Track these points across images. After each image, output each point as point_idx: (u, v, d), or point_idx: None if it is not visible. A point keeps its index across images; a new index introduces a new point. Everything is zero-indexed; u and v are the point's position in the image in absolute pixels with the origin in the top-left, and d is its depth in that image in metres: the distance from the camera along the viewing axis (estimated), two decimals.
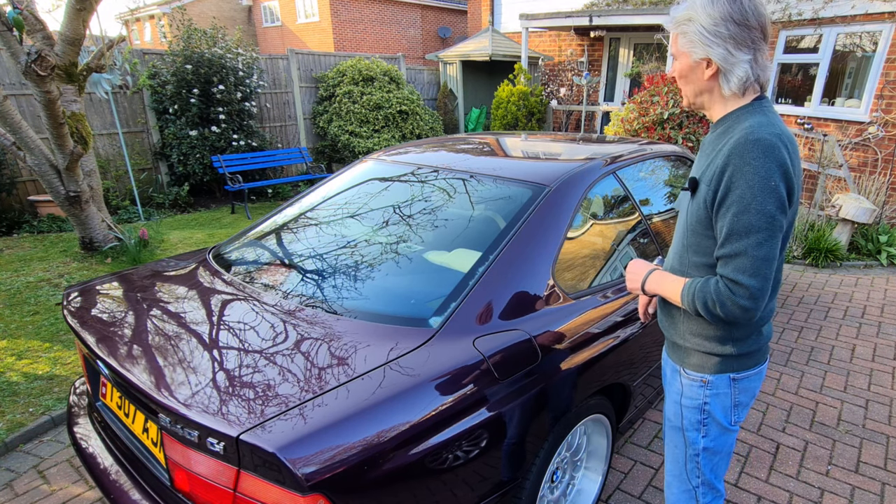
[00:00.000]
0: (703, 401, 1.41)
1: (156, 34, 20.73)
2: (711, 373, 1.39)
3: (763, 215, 1.15)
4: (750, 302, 1.18)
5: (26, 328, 3.52)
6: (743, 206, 1.17)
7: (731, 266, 1.20)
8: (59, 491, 2.25)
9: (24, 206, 6.29)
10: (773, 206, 1.15)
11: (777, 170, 1.15)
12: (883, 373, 3.25)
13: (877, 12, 6.19)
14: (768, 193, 1.15)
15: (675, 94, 5.60)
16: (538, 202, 1.88)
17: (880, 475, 2.39)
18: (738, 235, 1.18)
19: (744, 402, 1.42)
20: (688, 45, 1.27)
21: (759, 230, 1.16)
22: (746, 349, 1.36)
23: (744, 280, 1.18)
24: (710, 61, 1.25)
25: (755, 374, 1.40)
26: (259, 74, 7.87)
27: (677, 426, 1.49)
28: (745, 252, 1.17)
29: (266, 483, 1.14)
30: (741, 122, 1.24)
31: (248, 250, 2.17)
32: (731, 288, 1.20)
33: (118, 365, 1.44)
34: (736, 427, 1.45)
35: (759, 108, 1.25)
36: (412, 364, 1.40)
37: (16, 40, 3.89)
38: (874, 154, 6.48)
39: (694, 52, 1.26)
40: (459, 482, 1.39)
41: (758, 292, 1.18)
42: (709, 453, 1.46)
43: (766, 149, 1.15)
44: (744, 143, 1.17)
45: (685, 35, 1.26)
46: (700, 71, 1.28)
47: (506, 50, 10.15)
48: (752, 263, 1.17)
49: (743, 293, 1.18)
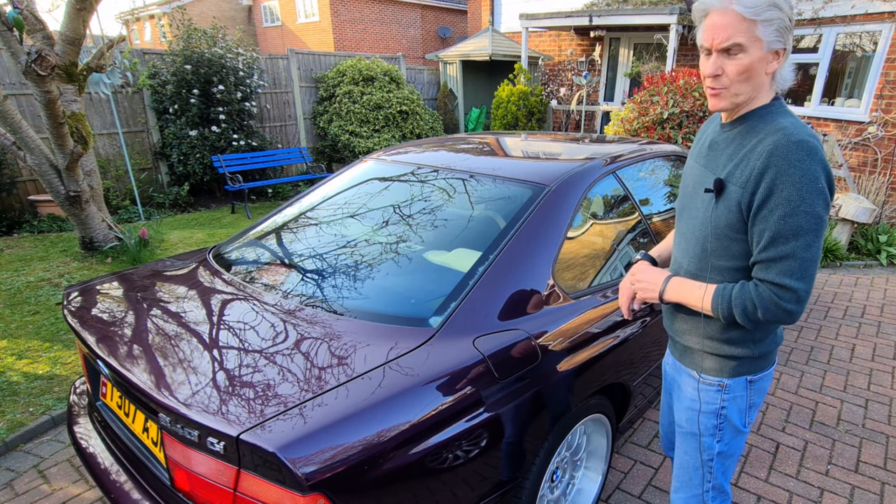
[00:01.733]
0: (721, 405, 1.40)
1: (156, 34, 20.73)
2: (729, 376, 1.37)
3: (812, 217, 1.14)
4: (796, 305, 1.17)
5: (27, 328, 3.52)
6: (791, 209, 1.14)
7: (775, 269, 1.17)
8: (59, 490, 2.25)
9: (24, 206, 6.30)
10: (821, 207, 1.14)
11: (822, 171, 1.14)
12: (883, 372, 3.26)
13: (877, 12, 6.19)
14: (816, 195, 1.13)
15: (675, 94, 5.60)
16: (538, 202, 1.88)
17: (880, 475, 2.39)
18: (785, 238, 1.16)
19: (757, 403, 1.42)
20: (770, 33, 1.15)
21: (807, 232, 1.14)
22: (764, 350, 1.36)
23: (791, 283, 1.16)
24: (781, 52, 1.18)
25: (768, 374, 1.41)
26: (259, 74, 7.87)
27: (691, 432, 1.47)
28: (794, 255, 1.15)
29: (266, 483, 1.14)
30: (768, 122, 1.21)
31: (248, 250, 2.17)
32: (776, 292, 1.17)
33: (118, 364, 1.44)
34: (748, 429, 1.45)
35: (782, 108, 1.23)
36: (412, 364, 1.40)
37: (16, 40, 3.89)
38: (874, 154, 6.49)
39: (773, 42, 1.16)
40: (459, 482, 1.39)
41: (805, 294, 1.16)
42: (722, 457, 1.46)
43: (809, 150, 1.14)
44: (786, 145, 1.15)
45: (769, 23, 1.14)
46: (765, 63, 1.19)
47: (506, 50, 10.14)
48: (801, 266, 1.15)
49: (790, 297, 1.16)
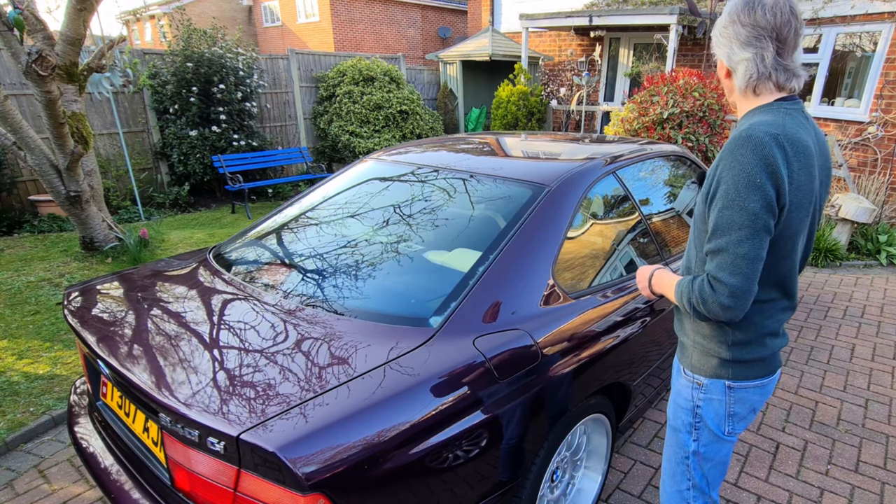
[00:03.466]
0: (696, 404, 1.38)
1: (156, 34, 20.73)
2: (707, 376, 1.35)
3: (745, 212, 1.13)
4: (730, 300, 1.16)
5: (27, 328, 3.52)
6: (727, 202, 1.15)
7: (714, 262, 1.19)
8: (59, 490, 2.25)
9: (24, 206, 6.30)
10: (756, 203, 1.12)
11: (762, 167, 1.12)
12: (882, 372, 3.26)
13: (876, 12, 6.20)
14: (752, 190, 1.12)
15: (675, 95, 5.60)
16: (538, 202, 1.88)
17: (880, 475, 2.39)
18: (721, 231, 1.17)
19: (740, 413, 1.36)
20: (714, 48, 1.32)
21: (740, 227, 1.14)
22: (745, 356, 1.31)
23: (723, 277, 1.16)
24: (721, 61, 1.31)
25: (755, 387, 1.34)
26: (259, 74, 7.87)
27: (673, 426, 1.48)
28: (727, 249, 1.16)
29: (266, 482, 1.15)
30: (746, 121, 1.23)
31: (248, 250, 2.17)
32: (712, 285, 1.18)
33: (119, 364, 1.45)
34: (731, 438, 1.39)
35: (774, 108, 1.22)
36: (412, 364, 1.40)
37: (16, 40, 3.89)
38: (873, 154, 6.49)
39: (717, 54, 1.32)
40: (459, 481, 1.39)
41: (738, 291, 1.15)
42: (699, 458, 1.42)
43: (755, 146, 1.13)
44: (735, 140, 1.17)
45: (713, 38, 1.31)
46: (722, 71, 1.32)
47: (506, 50, 10.14)
48: (733, 261, 1.15)
49: (723, 291, 1.16)
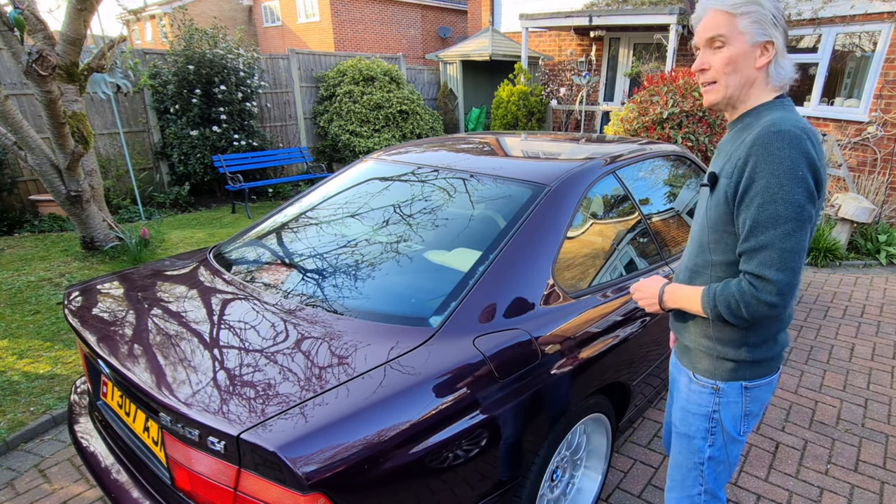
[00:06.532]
0: (713, 409, 1.36)
1: (157, 34, 20.72)
2: (723, 380, 1.33)
3: (791, 205, 1.10)
4: (777, 298, 1.12)
5: (27, 327, 3.52)
6: (769, 197, 1.11)
7: (755, 260, 1.14)
8: (59, 490, 2.25)
9: (25, 206, 6.30)
10: (801, 195, 1.10)
11: (803, 160, 1.11)
12: (882, 372, 3.26)
13: (876, 12, 6.19)
14: (796, 182, 1.10)
15: (675, 94, 5.60)
16: (538, 202, 1.88)
17: (879, 474, 2.39)
18: (763, 227, 1.12)
19: (754, 412, 1.37)
20: (752, 25, 1.18)
21: (787, 220, 1.11)
22: (761, 356, 1.30)
23: (770, 274, 1.11)
24: (769, 45, 1.19)
25: (767, 383, 1.34)
26: (260, 74, 7.87)
27: (685, 433, 1.44)
28: (772, 244, 1.11)
29: (267, 482, 1.15)
30: (761, 118, 1.21)
31: (248, 250, 2.17)
32: (755, 284, 1.14)
33: (119, 364, 1.45)
34: (744, 437, 1.40)
35: (780, 105, 1.22)
36: (412, 363, 1.40)
37: (17, 40, 3.90)
38: (873, 154, 6.49)
39: (756, 35, 1.18)
40: (459, 481, 1.40)
41: (786, 287, 1.11)
42: (714, 462, 1.41)
43: (791, 139, 1.11)
44: (766, 135, 1.13)
45: (749, 15, 1.17)
46: (753, 57, 1.21)
47: (506, 50, 10.14)
48: (780, 256, 1.11)
49: (769, 289, 1.12)
